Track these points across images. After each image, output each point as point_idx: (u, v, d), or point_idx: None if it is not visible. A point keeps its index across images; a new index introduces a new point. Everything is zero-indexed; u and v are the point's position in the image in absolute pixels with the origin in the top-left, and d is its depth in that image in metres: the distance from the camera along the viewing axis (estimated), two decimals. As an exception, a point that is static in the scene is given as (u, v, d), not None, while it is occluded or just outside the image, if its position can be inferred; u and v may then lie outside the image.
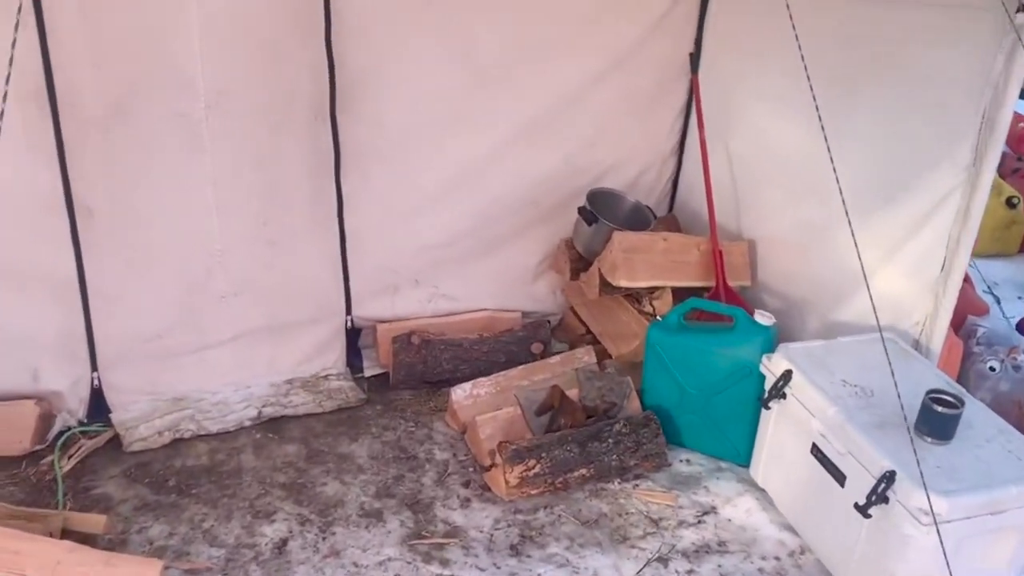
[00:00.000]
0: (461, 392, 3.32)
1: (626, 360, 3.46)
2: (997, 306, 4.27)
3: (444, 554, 2.71)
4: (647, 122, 3.83)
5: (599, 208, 3.57)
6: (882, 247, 2.88)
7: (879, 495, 2.30)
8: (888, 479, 2.29)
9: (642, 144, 3.87)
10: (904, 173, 2.83)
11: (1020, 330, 4.02)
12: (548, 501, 2.95)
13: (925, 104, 2.75)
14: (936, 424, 2.43)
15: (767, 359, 2.88)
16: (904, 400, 2.27)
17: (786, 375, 2.76)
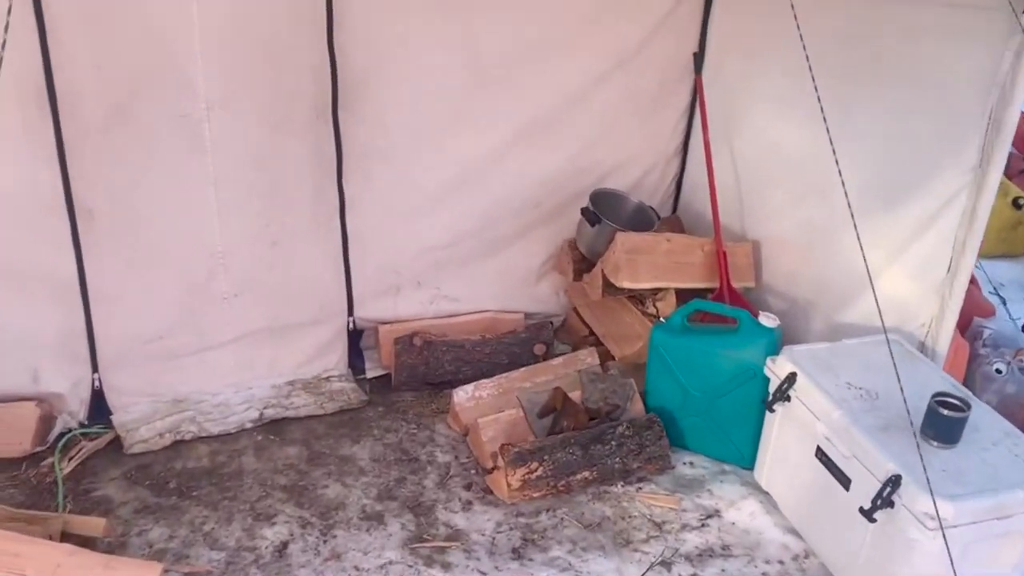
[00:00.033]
0: (463, 394, 3.31)
1: (629, 362, 3.44)
2: (1003, 307, 4.24)
3: (445, 557, 2.69)
4: (651, 122, 3.81)
5: (602, 209, 3.55)
6: (887, 248, 2.87)
7: (884, 499, 2.29)
8: (894, 483, 2.28)
9: (646, 144, 3.85)
10: (909, 174, 2.81)
11: (1027, 332, 4.00)
12: (550, 504, 2.93)
13: (931, 104, 2.73)
14: (942, 428, 2.41)
15: (771, 361, 2.86)
16: (910, 403, 2.26)
17: (790, 378, 2.74)
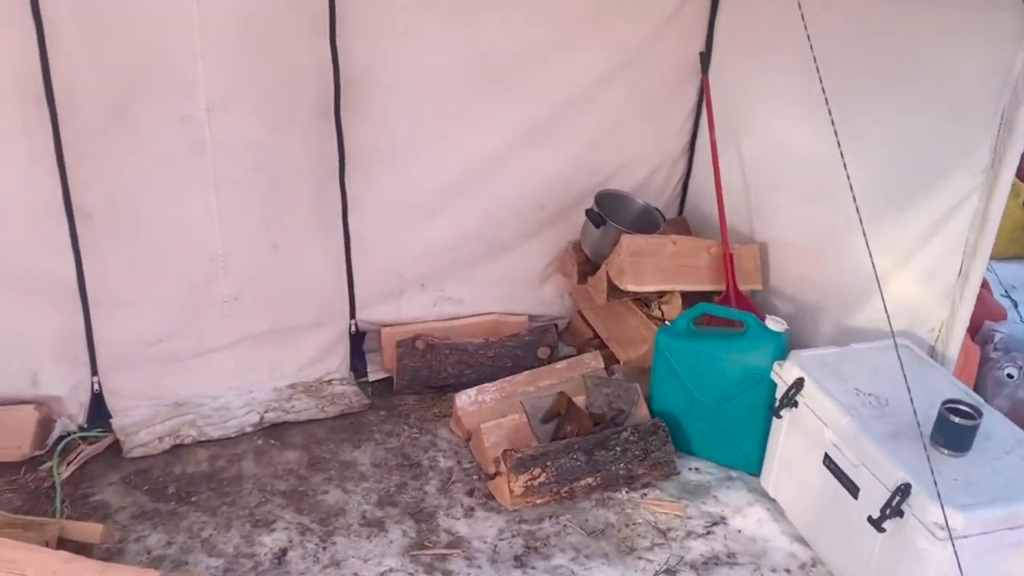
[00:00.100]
0: (466, 398, 3.28)
1: (634, 366, 3.40)
2: (1015, 310, 4.19)
3: (447, 565, 2.66)
4: (656, 123, 3.78)
5: (607, 210, 3.51)
6: (897, 251, 2.83)
7: (894, 508, 2.24)
8: (903, 492, 2.23)
9: (651, 145, 3.82)
10: (920, 175, 2.77)
11: (1038, 335, 3.94)
12: (553, 511, 2.90)
13: (941, 105, 2.69)
14: (953, 435, 2.36)
15: (779, 366, 2.82)
16: (919, 410, 2.23)
17: (798, 383, 2.70)
